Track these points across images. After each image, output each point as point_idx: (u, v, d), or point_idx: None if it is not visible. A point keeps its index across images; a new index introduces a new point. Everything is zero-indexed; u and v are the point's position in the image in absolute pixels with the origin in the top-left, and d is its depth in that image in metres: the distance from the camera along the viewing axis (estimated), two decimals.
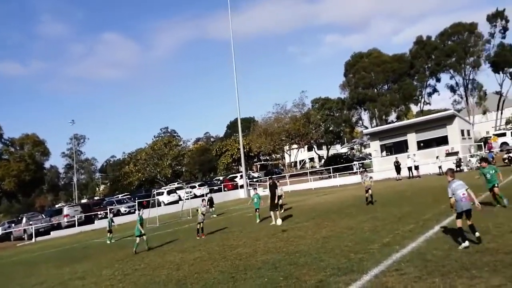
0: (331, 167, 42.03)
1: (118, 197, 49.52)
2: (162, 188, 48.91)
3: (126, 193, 56.78)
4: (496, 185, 11.57)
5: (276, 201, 16.00)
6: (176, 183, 57.75)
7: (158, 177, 69.18)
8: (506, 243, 7.31)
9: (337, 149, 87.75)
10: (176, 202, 39.09)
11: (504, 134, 38.67)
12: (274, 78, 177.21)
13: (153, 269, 10.54)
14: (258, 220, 16.98)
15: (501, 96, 52.46)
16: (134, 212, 34.85)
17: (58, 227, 34.10)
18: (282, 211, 18.30)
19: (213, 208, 25.29)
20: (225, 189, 46.27)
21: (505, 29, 50.57)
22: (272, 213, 15.84)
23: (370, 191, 16.86)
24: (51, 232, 32.90)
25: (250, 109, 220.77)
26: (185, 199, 31.26)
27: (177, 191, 43.06)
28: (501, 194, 11.48)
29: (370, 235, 10.20)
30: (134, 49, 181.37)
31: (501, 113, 53.47)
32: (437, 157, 30.55)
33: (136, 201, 35.52)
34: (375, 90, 57.63)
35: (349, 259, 7.89)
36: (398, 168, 31.32)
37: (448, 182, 8.27)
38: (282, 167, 63.46)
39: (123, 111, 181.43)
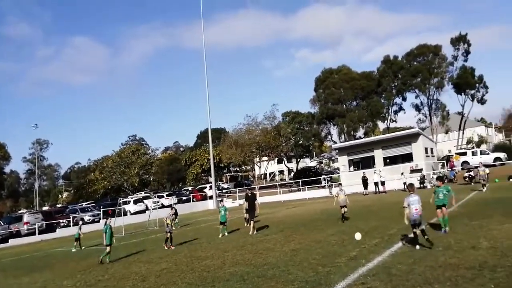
0: (300, 180, 42.48)
1: (82, 205, 47.97)
2: (129, 197, 47.80)
3: (90, 201, 55.08)
4: (445, 206, 10.87)
5: (254, 212, 16.29)
6: (143, 192, 56.65)
7: (124, 185, 67.57)
8: (467, 258, 7.60)
9: (306, 162, 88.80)
10: (143, 211, 38.28)
11: (465, 153, 40.36)
12: (246, 90, 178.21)
13: (118, 280, 10.26)
14: (221, 234, 16.24)
15: (463, 116, 54.75)
16: (98, 221, 33.84)
17: (17, 234, 32.62)
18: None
19: (177, 220, 24.89)
20: (194, 199, 45.75)
21: (467, 52, 53.01)
22: (252, 223, 16.16)
23: (345, 208, 16.07)
24: (10, 240, 31.44)
25: (221, 120, 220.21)
26: (152, 209, 30.67)
27: (144, 201, 42.21)
28: (446, 218, 10.86)
29: (337, 248, 10.36)
30: (104, 54, 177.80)
31: (463, 133, 55.78)
32: (402, 174, 31.46)
33: (101, 209, 34.55)
34: (344, 106, 58.90)
35: (317, 272, 7.97)
36: (365, 183, 32.01)
37: (408, 194, 9.53)
38: (252, 179, 63.48)
39: (90, 117, 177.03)
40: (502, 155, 38.26)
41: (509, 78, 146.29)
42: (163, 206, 37.89)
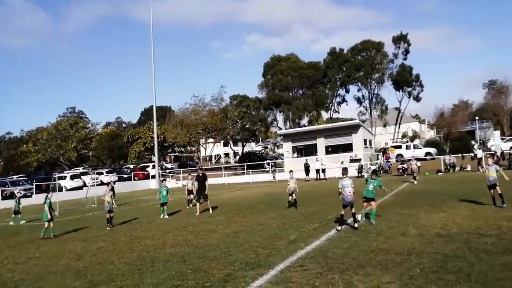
0: (245, 164, 42.88)
1: (12, 178, 44.90)
2: (65, 172, 45.52)
3: (22, 175, 51.72)
4: (373, 200, 11.15)
5: (204, 192, 16.32)
6: (81, 168, 54.19)
7: (61, 160, 64.22)
8: (397, 244, 8.13)
9: (252, 147, 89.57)
10: (80, 188, 36.70)
11: (400, 147, 42.82)
12: (194, 69, 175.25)
13: (50, 258, 9.80)
14: (162, 215, 15.87)
15: (400, 112, 57.94)
16: (30, 196, 31.94)
17: None
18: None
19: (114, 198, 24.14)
20: (136, 178, 44.60)
21: (407, 51, 55.90)
22: (205, 203, 16.30)
23: (294, 195, 15.72)
24: None
25: (167, 98, 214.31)
26: (90, 186, 29.48)
27: (82, 177, 40.43)
28: (374, 211, 11.01)
29: (278, 231, 10.63)
30: (42, 19, 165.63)
31: (399, 127, 59.16)
32: (342, 162, 32.77)
33: (34, 184, 32.62)
34: (291, 93, 59.94)
35: (257, 254, 8.14)
36: (307, 170, 33.00)
37: (341, 178, 10.70)
38: (197, 160, 62.97)
39: (24, 84, 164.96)
40: (432, 150, 41.06)
41: (442, 79, 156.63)
42: (102, 183, 36.56)
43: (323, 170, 32.77)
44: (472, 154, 31.80)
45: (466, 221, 10.01)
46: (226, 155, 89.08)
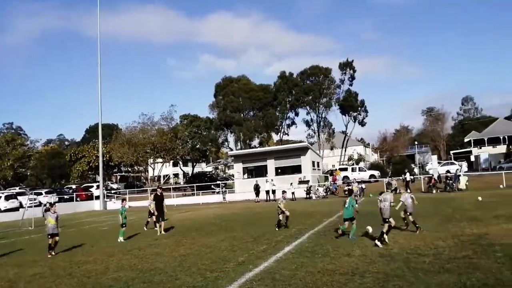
0: (195, 185, 42.33)
1: None
2: (0, 191, 42.38)
3: None
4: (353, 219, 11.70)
5: (162, 213, 16.22)
6: (17, 188, 50.75)
7: None
8: (342, 264, 8.35)
9: (202, 167, 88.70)
10: (16, 209, 34.22)
11: (346, 169, 44.41)
12: (144, 87, 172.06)
13: None
14: (121, 239, 14.63)
15: (346, 135, 60.26)
16: None
17: None
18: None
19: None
20: (78, 199, 42.38)
21: (352, 77, 58.65)
22: (158, 224, 16.19)
23: (285, 213, 14.54)
24: None
25: (114, 116, 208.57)
26: (27, 207, 27.61)
27: (18, 197, 37.79)
28: (354, 228, 11.64)
29: (227, 254, 10.54)
30: None
31: (345, 151, 61.32)
32: (291, 184, 33.32)
33: None
34: (242, 114, 60.53)
35: (205, 278, 8.02)
36: (257, 191, 33.17)
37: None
38: (144, 181, 61.17)
39: None
40: (376, 172, 42.96)
41: (385, 106, 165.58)
42: (40, 204, 34.36)
43: (273, 191, 33.10)
44: (402, 177, 33.54)
45: (406, 241, 10.50)
46: (176, 175, 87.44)
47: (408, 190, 15.52)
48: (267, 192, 33.27)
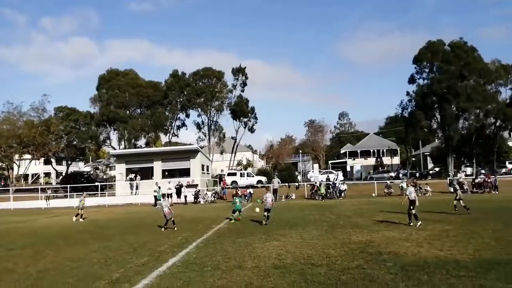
0: (68, 186, 37.96)
1: None
2: None
3: None
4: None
5: None
6: None
7: None
8: (234, 279, 7.46)
9: (80, 167, 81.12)
10: None
11: (235, 174, 44.36)
12: None
13: None
14: None
15: (236, 141, 60.57)
16: None
17: None
18: None
19: None
20: None
21: (244, 84, 59.24)
22: None
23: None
24: None
25: None
26: None
27: None
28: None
29: (98, 268, 8.90)
30: None
31: (234, 156, 61.57)
32: (169, 182, 31.84)
33: None
34: (128, 111, 56.71)
35: None
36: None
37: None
38: (7, 180, 53.15)
39: None
40: (263, 178, 43.73)
41: (274, 116, 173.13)
42: None
43: (169, 195, 31.03)
44: (297, 184, 34.82)
45: (298, 250, 10.09)
46: (47, 174, 78.41)
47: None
48: (155, 196, 31.12)
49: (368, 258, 8.78)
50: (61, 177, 60.22)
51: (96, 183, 40.91)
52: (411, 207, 13.76)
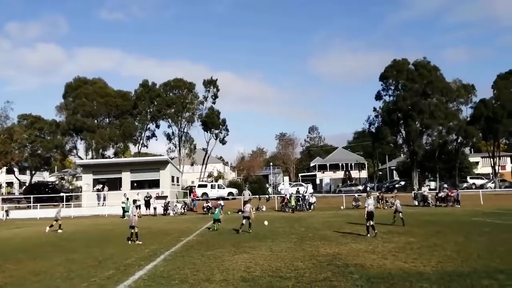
0: (32, 196, 36.60)
1: None
2: None
3: None
4: None
5: None
6: None
7: None
8: None
9: (45, 176, 78.32)
10: None
11: (205, 186, 44.05)
12: None
13: None
14: None
15: (207, 152, 60.22)
16: None
17: None
18: None
19: None
20: None
21: (215, 96, 59.26)
22: None
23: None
24: None
25: None
26: None
27: None
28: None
29: (61, 282, 8.62)
30: None
31: (205, 167, 61.14)
32: (137, 194, 31.30)
33: None
34: (96, 121, 55.43)
35: None
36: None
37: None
38: None
39: None
40: (234, 190, 43.64)
41: (245, 128, 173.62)
42: None
43: (138, 207, 30.35)
44: (267, 196, 34.92)
45: (267, 262, 10.12)
46: (9, 184, 75.23)
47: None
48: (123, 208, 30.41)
49: (335, 271, 8.91)
50: (24, 187, 57.86)
51: (62, 194, 39.62)
52: (369, 220, 14.43)
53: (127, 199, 29.56)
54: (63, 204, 23.70)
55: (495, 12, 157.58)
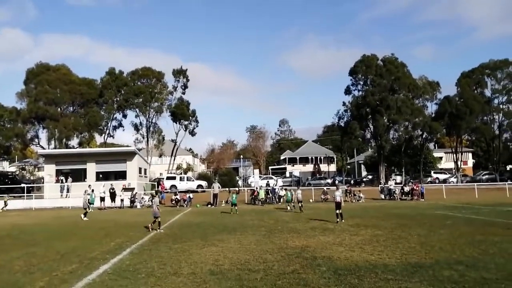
0: None
1: None
2: None
3: None
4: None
5: None
6: None
7: None
8: (168, 286, 7.26)
9: (4, 166, 75.08)
10: None
11: (174, 178, 43.46)
12: None
13: None
14: None
15: (175, 144, 59.33)
16: None
17: None
18: None
19: None
20: None
21: (185, 86, 58.22)
22: None
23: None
24: None
25: None
26: None
27: None
28: None
29: (20, 276, 8.24)
30: None
31: (174, 159, 60.30)
32: (103, 186, 30.60)
33: None
34: (59, 109, 53.25)
35: None
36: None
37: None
38: None
39: None
40: (204, 183, 43.31)
41: (216, 120, 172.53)
42: None
43: (102, 199, 29.51)
44: (237, 189, 34.80)
45: (235, 255, 10.06)
46: None
47: None
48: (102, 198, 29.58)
49: (303, 263, 8.96)
50: None
51: (22, 185, 38.08)
52: (338, 209, 16.77)
53: (92, 190, 28.74)
54: (87, 191, 24.36)
55: (460, 13, 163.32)
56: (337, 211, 16.76)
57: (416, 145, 55.96)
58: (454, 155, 55.11)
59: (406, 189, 34.31)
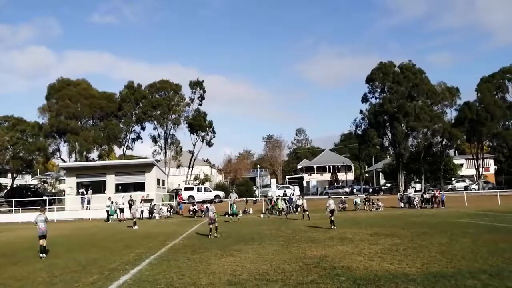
0: (13, 200, 35.85)
1: None
2: None
3: None
4: None
5: None
6: None
7: None
8: None
9: (27, 179, 76.86)
10: None
11: (192, 189, 43.74)
12: None
13: None
14: None
15: (193, 155, 59.82)
16: None
17: None
18: None
19: None
20: None
21: (202, 97, 58.87)
22: None
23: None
24: None
25: None
26: None
27: None
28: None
29: None
30: None
31: (192, 170, 60.73)
32: (122, 197, 30.82)
33: None
34: (80, 123, 54.42)
35: None
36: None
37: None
38: None
39: None
40: (221, 193, 43.44)
41: (232, 131, 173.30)
42: None
43: (122, 210, 29.89)
44: (254, 199, 34.89)
45: (253, 265, 10.06)
46: None
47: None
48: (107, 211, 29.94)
49: (322, 273, 8.90)
50: (5, 190, 56.59)
51: (44, 197, 38.88)
52: (331, 215, 18.45)
53: (112, 202, 29.17)
54: (133, 201, 27.37)
55: (477, 18, 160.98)
56: (331, 218, 18.43)
57: (436, 152, 55.00)
58: (475, 161, 53.92)
59: (427, 196, 33.68)
